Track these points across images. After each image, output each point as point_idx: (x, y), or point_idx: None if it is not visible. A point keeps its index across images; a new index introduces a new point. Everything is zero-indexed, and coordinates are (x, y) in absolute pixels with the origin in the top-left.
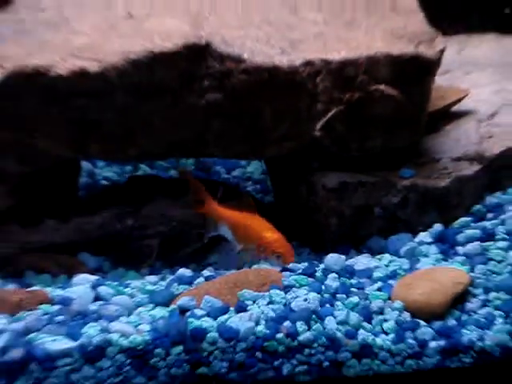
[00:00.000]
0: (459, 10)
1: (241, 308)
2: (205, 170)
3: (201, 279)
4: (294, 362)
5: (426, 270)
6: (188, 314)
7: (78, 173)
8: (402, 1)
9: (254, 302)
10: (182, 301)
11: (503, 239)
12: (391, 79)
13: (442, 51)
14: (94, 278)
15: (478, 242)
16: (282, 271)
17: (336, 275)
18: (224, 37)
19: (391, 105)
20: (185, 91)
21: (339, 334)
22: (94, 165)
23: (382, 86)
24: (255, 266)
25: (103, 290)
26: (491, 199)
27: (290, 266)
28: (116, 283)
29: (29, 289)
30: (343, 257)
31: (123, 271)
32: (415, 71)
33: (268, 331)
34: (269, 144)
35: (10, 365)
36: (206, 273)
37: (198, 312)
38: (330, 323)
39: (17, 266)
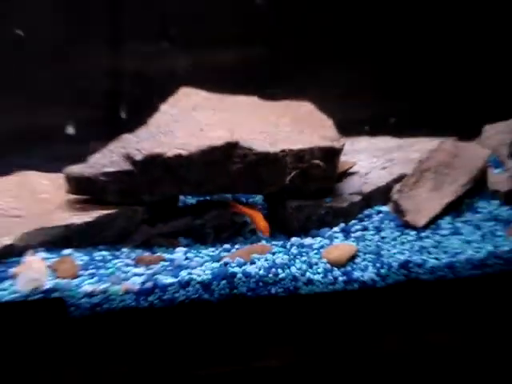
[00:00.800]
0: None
1: (252, 263)
2: (235, 198)
3: (233, 250)
4: (276, 287)
5: (337, 245)
6: (228, 265)
7: (178, 199)
8: (325, 121)
9: (258, 260)
10: (225, 260)
11: (372, 230)
12: (321, 157)
13: (343, 144)
14: (184, 249)
15: (360, 232)
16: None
17: (296, 247)
18: (244, 139)
19: (321, 170)
20: (226, 163)
21: (297, 274)
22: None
23: (317, 161)
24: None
25: (189, 255)
26: (366, 212)
27: (274, 243)
28: (195, 251)
29: (155, 254)
30: (299, 238)
31: (198, 246)
32: (331, 154)
33: (264, 273)
34: (265, 187)
35: (146, 290)
36: (236, 246)
37: (233, 264)
38: (293, 269)
39: (150, 243)
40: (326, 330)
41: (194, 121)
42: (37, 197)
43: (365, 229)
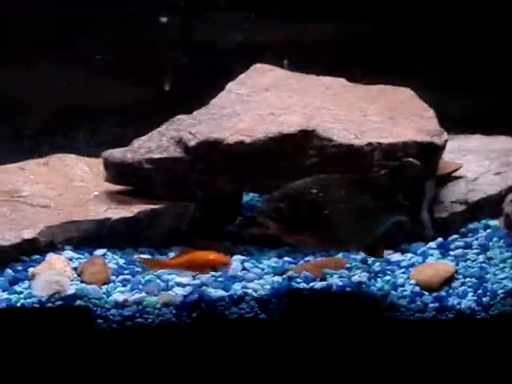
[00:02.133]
0: None
1: (323, 279)
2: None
3: (301, 262)
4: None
5: (431, 263)
6: (292, 280)
7: (241, 196)
8: (426, 112)
9: (331, 276)
10: (290, 273)
11: (476, 249)
12: (417, 155)
13: (446, 140)
14: (242, 257)
15: (462, 249)
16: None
17: (379, 263)
18: (323, 127)
19: (416, 170)
20: (299, 155)
21: (378, 295)
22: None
23: (411, 159)
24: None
25: (247, 264)
26: (470, 226)
27: (352, 257)
28: (254, 261)
29: None
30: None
31: (259, 253)
32: (430, 151)
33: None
34: None
35: (189, 304)
36: (307, 258)
37: (298, 280)
38: (373, 290)
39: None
40: (408, 366)
41: (264, 103)
42: (71, 184)
43: (467, 246)
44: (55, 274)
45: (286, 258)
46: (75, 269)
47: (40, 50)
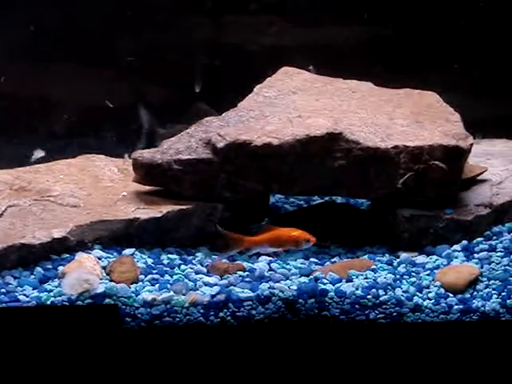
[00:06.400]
0: None
1: (349, 280)
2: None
3: (327, 263)
4: (376, 312)
5: (455, 266)
6: (319, 281)
7: (268, 198)
8: (452, 116)
9: (356, 277)
10: (316, 274)
11: (501, 251)
12: (443, 158)
13: (471, 144)
14: (269, 258)
15: (486, 252)
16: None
17: (404, 265)
18: (350, 130)
19: (441, 172)
20: (326, 158)
21: (403, 298)
22: (274, 196)
23: (436, 162)
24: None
25: (274, 265)
26: (495, 229)
27: (378, 258)
28: (282, 262)
29: (233, 262)
30: (409, 255)
31: (286, 254)
32: (455, 155)
33: (362, 293)
34: (372, 191)
35: (218, 303)
36: (334, 259)
37: (325, 281)
38: (397, 292)
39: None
40: (433, 368)
41: (292, 105)
42: (100, 185)
43: (492, 249)
44: (85, 273)
45: (312, 259)
46: (104, 268)
47: (71, 50)
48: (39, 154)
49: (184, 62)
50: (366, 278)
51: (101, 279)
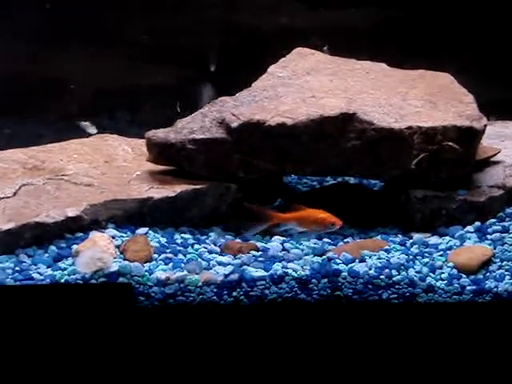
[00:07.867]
0: None
1: (362, 260)
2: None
3: (340, 243)
4: (389, 292)
5: (468, 247)
6: (332, 261)
7: (282, 179)
8: (465, 97)
9: (369, 257)
10: (329, 254)
11: None
12: (456, 139)
13: (485, 125)
14: (282, 238)
15: (499, 233)
16: None
17: (417, 246)
18: (364, 110)
19: (455, 154)
20: (339, 138)
21: (416, 279)
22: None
23: (450, 143)
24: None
25: (287, 245)
26: (508, 210)
27: (391, 239)
28: (294, 242)
29: (247, 242)
30: (422, 236)
31: (299, 234)
32: (469, 136)
33: (376, 273)
34: (385, 171)
35: (231, 283)
36: (347, 240)
37: (338, 261)
38: (410, 272)
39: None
40: (446, 348)
41: (306, 86)
42: (113, 164)
43: (505, 230)
44: (99, 252)
45: (325, 240)
46: (118, 247)
47: (85, 32)
48: (93, 130)
49: (199, 42)
50: (379, 259)
51: (114, 258)
